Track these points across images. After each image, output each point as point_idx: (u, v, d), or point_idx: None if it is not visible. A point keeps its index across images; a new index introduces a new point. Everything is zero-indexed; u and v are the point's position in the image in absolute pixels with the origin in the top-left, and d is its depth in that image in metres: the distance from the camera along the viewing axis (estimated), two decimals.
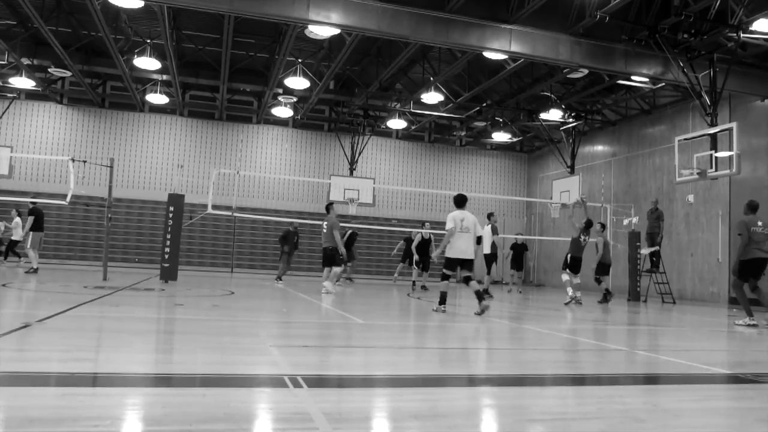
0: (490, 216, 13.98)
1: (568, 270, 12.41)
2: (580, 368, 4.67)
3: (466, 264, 8.66)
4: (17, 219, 17.39)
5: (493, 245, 13.59)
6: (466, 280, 8.61)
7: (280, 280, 16.02)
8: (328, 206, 12.74)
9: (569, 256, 12.49)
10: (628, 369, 4.74)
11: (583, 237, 12.49)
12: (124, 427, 2.45)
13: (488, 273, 13.49)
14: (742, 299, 8.78)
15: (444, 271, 8.83)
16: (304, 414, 2.68)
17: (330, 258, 12.19)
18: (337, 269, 12.34)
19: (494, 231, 13.66)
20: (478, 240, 8.83)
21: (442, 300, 8.71)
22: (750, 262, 8.69)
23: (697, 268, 17.40)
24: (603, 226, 13.70)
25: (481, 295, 8.56)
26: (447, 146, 26.29)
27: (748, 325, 8.54)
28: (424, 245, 16.85)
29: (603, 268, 13.38)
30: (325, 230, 12.24)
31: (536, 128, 22.94)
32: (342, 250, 12.25)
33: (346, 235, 17.28)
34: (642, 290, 15.80)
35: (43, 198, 18.64)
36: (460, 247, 8.58)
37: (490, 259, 13.52)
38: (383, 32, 13.20)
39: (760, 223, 8.68)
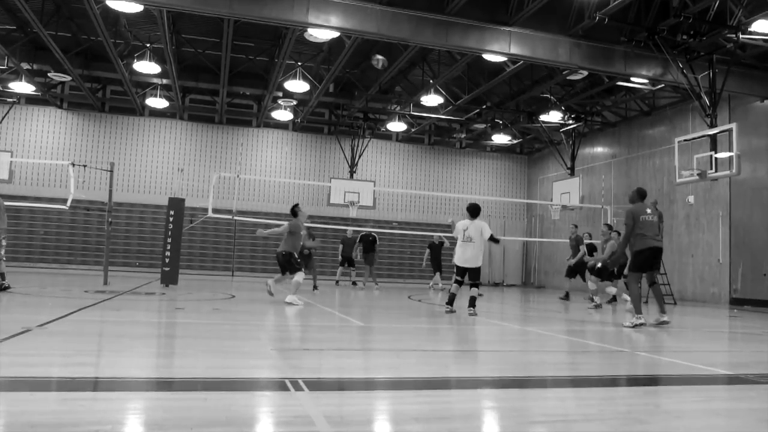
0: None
1: None
2: (582, 370, 4.67)
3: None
4: None
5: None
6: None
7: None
8: (295, 208, 10.85)
9: None
10: (629, 370, 4.73)
11: None
12: None
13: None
14: None
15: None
16: (305, 417, 2.68)
17: (285, 264, 10.15)
18: (298, 278, 9.99)
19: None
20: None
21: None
22: None
23: (698, 269, 17.38)
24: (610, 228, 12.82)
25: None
26: (447, 148, 26.29)
27: None
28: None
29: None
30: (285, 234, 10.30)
31: (536, 130, 22.94)
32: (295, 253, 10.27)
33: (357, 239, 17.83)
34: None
35: (44, 203, 18.68)
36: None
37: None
38: (383, 35, 13.21)
39: None
